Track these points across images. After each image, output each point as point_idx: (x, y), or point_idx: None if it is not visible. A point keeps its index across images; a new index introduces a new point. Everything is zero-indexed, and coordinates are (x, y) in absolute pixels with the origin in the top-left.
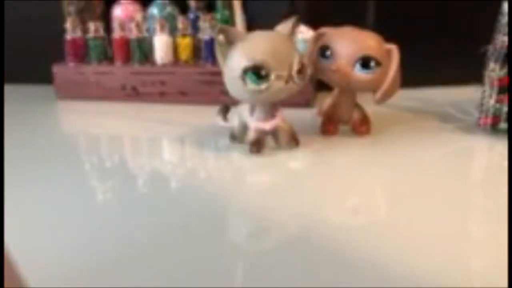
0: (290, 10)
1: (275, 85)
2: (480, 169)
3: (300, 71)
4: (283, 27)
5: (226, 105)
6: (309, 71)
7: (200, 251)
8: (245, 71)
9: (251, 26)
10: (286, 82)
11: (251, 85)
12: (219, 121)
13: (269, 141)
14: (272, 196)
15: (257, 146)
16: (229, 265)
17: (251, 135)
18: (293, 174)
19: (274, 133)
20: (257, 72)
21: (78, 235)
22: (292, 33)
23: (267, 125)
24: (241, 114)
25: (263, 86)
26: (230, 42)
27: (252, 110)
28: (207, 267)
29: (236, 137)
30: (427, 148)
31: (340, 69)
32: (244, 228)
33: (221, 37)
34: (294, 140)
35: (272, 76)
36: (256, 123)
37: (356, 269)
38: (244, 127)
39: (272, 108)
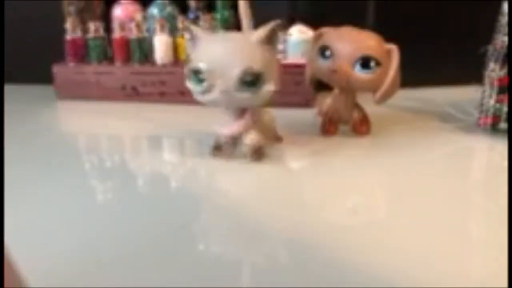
0: (292, 11)
1: (210, 93)
2: (480, 169)
3: (250, 83)
4: (258, 33)
5: None
6: (308, 71)
7: (200, 251)
8: (189, 72)
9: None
10: (222, 92)
11: (192, 86)
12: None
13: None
14: (272, 195)
15: (216, 150)
16: (229, 265)
17: (215, 139)
18: (293, 174)
19: (237, 140)
20: (197, 75)
21: (78, 235)
22: (265, 40)
23: (226, 130)
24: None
25: (199, 88)
26: (194, 40)
27: (222, 114)
28: (207, 267)
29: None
30: (427, 148)
31: (340, 69)
32: (245, 227)
33: (187, 35)
34: (254, 154)
35: (206, 83)
36: (218, 128)
37: (356, 269)
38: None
39: (238, 113)
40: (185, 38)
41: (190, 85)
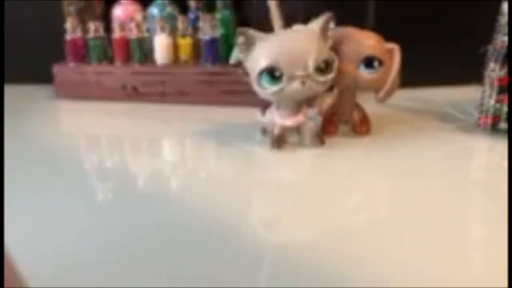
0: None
1: (290, 85)
2: (480, 169)
3: (323, 69)
4: (314, 24)
5: (266, 103)
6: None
7: (200, 250)
8: (260, 73)
9: (251, 26)
10: (303, 82)
11: (266, 86)
12: (257, 115)
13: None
14: (273, 195)
15: (279, 142)
16: (230, 265)
17: (274, 131)
18: (293, 174)
19: (298, 130)
20: (271, 73)
21: (78, 235)
22: (323, 30)
23: (289, 122)
24: (271, 111)
25: (277, 87)
26: (249, 44)
27: (278, 107)
28: (207, 266)
29: (266, 132)
30: (427, 148)
31: (346, 70)
32: (245, 227)
33: (240, 39)
34: (318, 139)
35: (285, 77)
36: (279, 120)
37: (356, 269)
38: (272, 124)
39: (296, 106)
40: (238, 44)
41: (263, 86)
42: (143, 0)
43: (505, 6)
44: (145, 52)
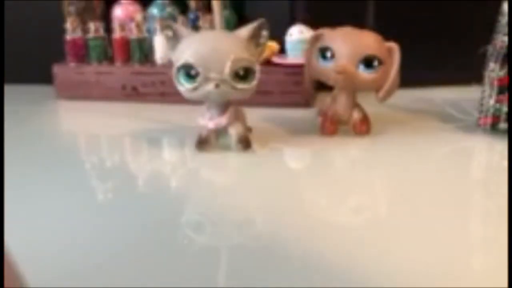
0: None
1: (204, 86)
2: (480, 169)
3: (242, 76)
4: (243, 30)
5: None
6: (307, 72)
7: (200, 251)
8: (178, 69)
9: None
10: (217, 85)
11: (182, 83)
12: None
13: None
14: (273, 195)
15: (201, 144)
16: (230, 265)
17: (201, 133)
18: (293, 174)
19: (223, 132)
20: (187, 71)
21: (78, 235)
22: (252, 37)
23: (211, 124)
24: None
25: (191, 85)
26: (175, 39)
27: (207, 109)
28: (207, 266)
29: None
30: (427, 148)
31: (346, 70)
32: (244, 228)
33: (167, 33)
34: (242, 142)
35: (200, 78)
36: (203, 122)
37: (356, 268)
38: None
39: (222, 108)
40: (166, 36)
41: (180, 82)
42: (143, 0)
43: (505, 6)
44: (145, 52)
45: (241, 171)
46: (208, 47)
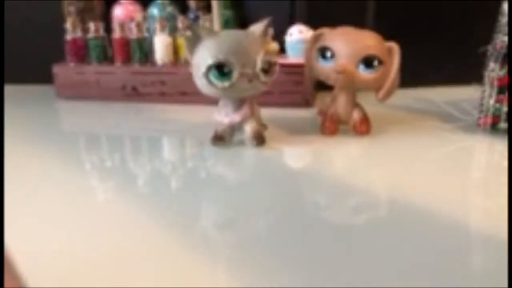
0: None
1: (239, 82)
2: (480, 169)
3: (267, 70)
4: (255, 28)
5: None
6: (308, 71)
7: (200, 250)
8: (209, 68)
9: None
10: (250, 80)
11: (215, 82)
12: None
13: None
14: (273, 195)
15: (216, 139)
16: (230, 265)
17: (216, 129)
18: (293, 174)
19: (238, 128)
20: (220, 69)
21: (78, 235)
22: (264, 34)
23: (226, 120)
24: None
25: (226, 83)
26: (197, 39)
27: (222, 106)
28: (207, 266)
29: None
30: (427, 148)
31: (346, 70)
32: (244, 228)
33: (188, 33)
34: (257, 139)
35: (235, 74)
36: (218, 118)
37: (356, 268)
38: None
39: (238, 104)
40: (186, 37)
41: (211, 82)
42: (143, 0)
43: (505, 6)
44: (145, 52)
45: (241, 171)
46: (238, 45)
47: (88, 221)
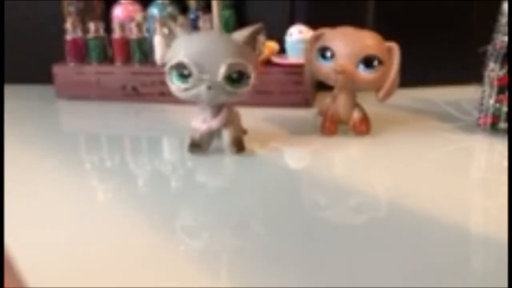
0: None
1: (196, 87)
2: (480, 169)
3: (235, 80)
4: (239, 33)
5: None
6: (307, 75)
7: (200, 251)
8: (171, 68)
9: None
10: (209, 87)
11: (174, 82)
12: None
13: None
14: (272, 195)
15: (193, 146)
16: (230, 265)
17: (191, 136)
18: (293, 174)
19: (217, 134)
20: (180, 71)
21: (78, 235)
22: (248, 41)
23: (204, 126)
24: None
25: (183, 85)
26: (173, 36)
27: (201, 111)
28: (207, 266)
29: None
30: (427, 148)
31: (346, 70)
32: (244, 228)
33: (165, 31)
34: (236, 146)
35: (192, 79)
36: (196, 124)
37: (356, 269)
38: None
39: (216, 109)
40: (163, 34)
41: (172, 81)
42: (143, 0)
43: (505, 6)
44: (145, 52)
45: (241, 171)
46: (204, 49)
47: (88, 221)
